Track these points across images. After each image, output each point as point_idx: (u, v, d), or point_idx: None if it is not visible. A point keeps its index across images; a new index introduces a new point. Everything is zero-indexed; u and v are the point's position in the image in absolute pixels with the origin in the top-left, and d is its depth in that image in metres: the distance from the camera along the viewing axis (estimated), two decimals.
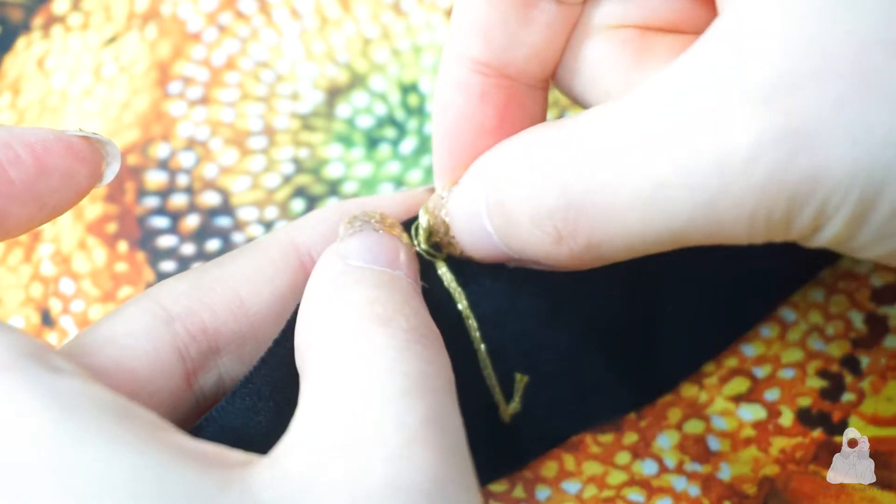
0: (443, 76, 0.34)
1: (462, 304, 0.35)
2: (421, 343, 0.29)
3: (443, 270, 0.35)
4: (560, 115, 0.44)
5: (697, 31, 0.32)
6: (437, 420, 0.28)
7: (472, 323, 0.35)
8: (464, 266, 0.35)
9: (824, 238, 0.28)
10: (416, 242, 0.35)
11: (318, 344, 0.30)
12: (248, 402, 0.32)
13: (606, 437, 0.39)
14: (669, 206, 0.28)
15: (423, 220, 0.34)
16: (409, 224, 0.35)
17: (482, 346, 0.36)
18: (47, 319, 0.43)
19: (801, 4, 0.27)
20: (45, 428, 0.25)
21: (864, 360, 0.40)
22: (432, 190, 0.36)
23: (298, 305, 0.32)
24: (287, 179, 0.45)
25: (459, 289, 0.35)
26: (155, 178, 0.45)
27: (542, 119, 0.35)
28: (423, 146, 0.45)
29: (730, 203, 0.27)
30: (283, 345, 0.32)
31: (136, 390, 0.30)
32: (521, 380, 0.37)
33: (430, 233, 0.34)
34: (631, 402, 0.39)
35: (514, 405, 0.37)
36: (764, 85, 0.27)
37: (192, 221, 0.44)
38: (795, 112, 0.26)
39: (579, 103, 0.34)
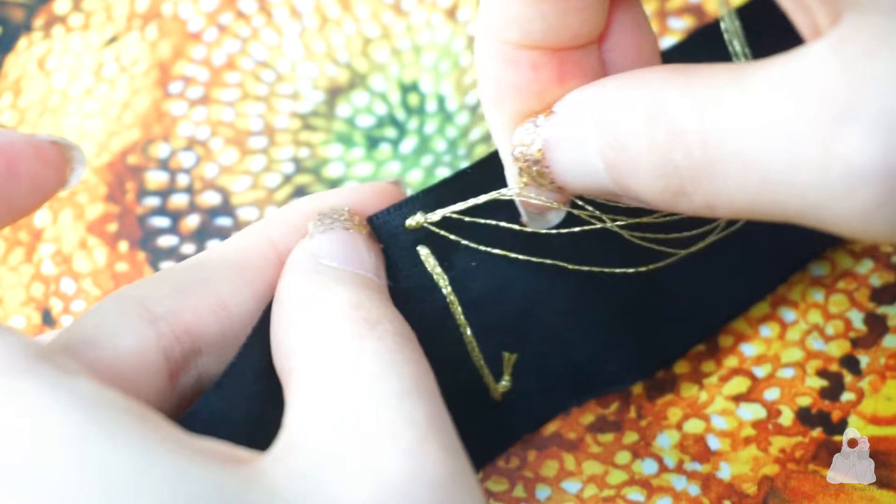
0: (484, 53, 0.33)
1: (446, 289, 0.35)
2: (407, 346, 0.30)
3: (425, 254, 0.35)
4: None
5: None
6: (439, 419, 0.28)
7: (457, 307, 0.36)
8: (447, 249, 0.35)
9: None
10: (424, 219, 0.35)
11: (306, 347, 0.30)
12: (232, 390, 0.32)
13: (606, 437, 0.39)
14: (778, 200, 0.28)
15: (513, 151, 0.33)
16: (377, 218, 0.35)
17: (468, 330, 0.36)
18: (48, 319, 0.43)
19: None
20: (74, 431, 0.25)
21: (864, 360, 0.40)
22: (397, 182, 0.37)
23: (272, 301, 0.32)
24: (287, 179, 0.45)
25: (442, 272, 0.35)
26: (155, 178, 0.45)
27: (601, 71, 0.34)
28: (424, 146, 0.45)
29: (834, 215, 0.27)
30: (262, 333, 0.32)
31: (123, 390, 0.30)
32: (509, 358, 0.37)
33: (521, 165, 0.33)
34: (623, 376, 0.39)
35: (505, 384, 0.37)
36: (881, 118, 0.26)
37: (192, 221, 0.44)
38: None
39: None
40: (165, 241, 0.44)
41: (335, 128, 0.46)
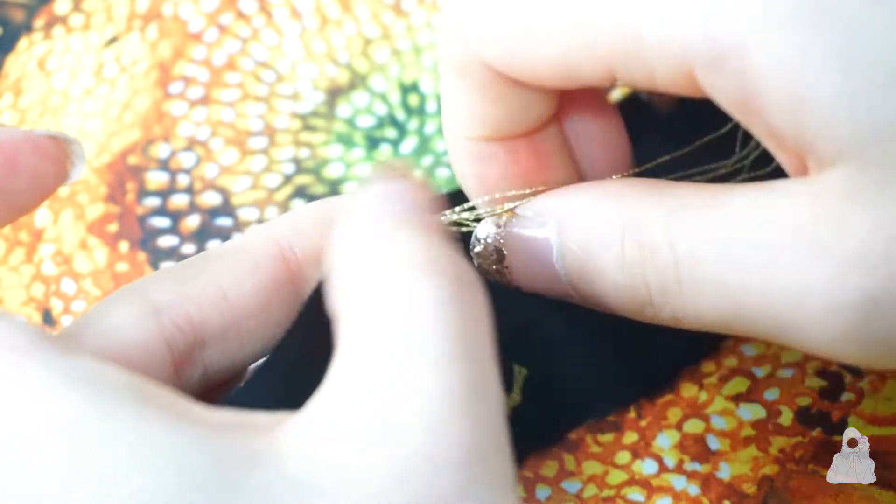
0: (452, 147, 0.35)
1: None
2: (468, 294, 0.28)
3: None
4: None
5: None
6: (479, 387, 0.26)
7: None
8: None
9: None
10: None
11: (359, 288, 0.28)
12: (268, 384, 0.32)
13: (606, 437, 0.39)
14: (751, 320, 0.30)
15: (472, 247, 0.35)
16: None
17: None
18: (48, 319, 0.43)
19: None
20: (74, 409, 0.25)
21: None
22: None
23: (316, 289, 0.31)
24: (287, 179, 0.45)
25: None
26: (156, 179, 0.45)
27: (564, 154, 0.35)
28: (424, 146, 0.45)
29: (807, 338, 0.29)
30: (300, 327, 0.32)
31: None
32: (519, 372, 0.37)
33: (479, 261, 0.34)
34: (632, 396, 0.39)
35: (514, 397, 0.37)
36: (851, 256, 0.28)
37: (192, 221, 0.44)
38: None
39: None
40: (166, 241, 0.44)
41: (335, 128, 0.46)
